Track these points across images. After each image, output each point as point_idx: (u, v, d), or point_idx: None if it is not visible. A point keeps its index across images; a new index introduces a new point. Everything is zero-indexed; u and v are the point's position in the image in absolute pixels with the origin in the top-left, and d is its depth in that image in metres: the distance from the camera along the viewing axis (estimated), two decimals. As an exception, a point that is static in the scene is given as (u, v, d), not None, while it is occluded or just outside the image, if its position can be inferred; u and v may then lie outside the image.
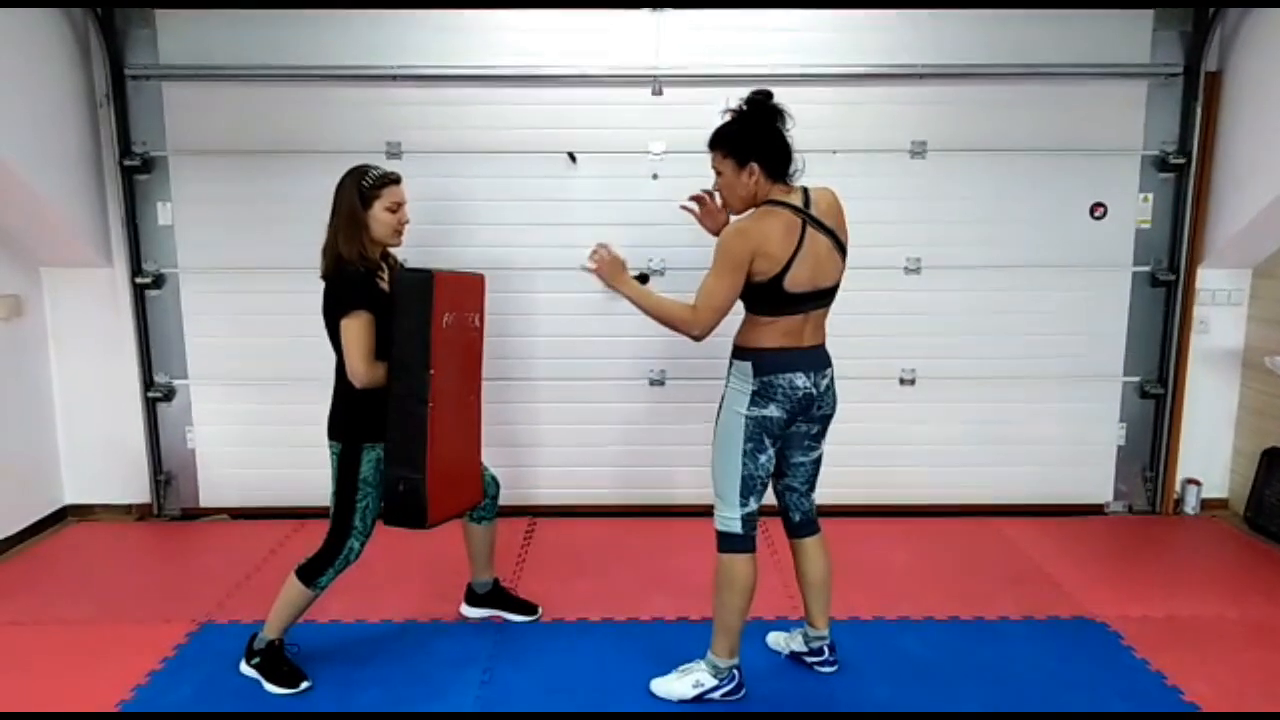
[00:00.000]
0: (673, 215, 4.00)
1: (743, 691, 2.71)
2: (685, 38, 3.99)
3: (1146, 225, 4.20)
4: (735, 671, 2.69)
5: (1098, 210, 4.17)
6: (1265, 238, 4.03)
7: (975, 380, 4.29)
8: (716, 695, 2.68)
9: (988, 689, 2.77)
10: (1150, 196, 4.18)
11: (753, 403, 2.53)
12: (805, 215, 2.48)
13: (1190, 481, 4.37)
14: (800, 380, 2.53)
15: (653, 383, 4.27)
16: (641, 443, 4.32)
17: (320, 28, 3.97)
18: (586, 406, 4.28)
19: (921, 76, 4.03)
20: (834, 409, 2.69)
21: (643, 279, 4.14)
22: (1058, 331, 4.26)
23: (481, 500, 3.00)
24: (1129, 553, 3.92)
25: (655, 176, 4.11)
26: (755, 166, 2.50)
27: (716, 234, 2.79)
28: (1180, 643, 3.06)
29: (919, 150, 4.11)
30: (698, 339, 2.54)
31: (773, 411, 2.53)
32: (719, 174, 2.59)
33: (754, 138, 2.50)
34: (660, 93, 4.03)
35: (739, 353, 2.59)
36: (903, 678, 2.84)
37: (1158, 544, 4.05)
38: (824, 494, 2.86)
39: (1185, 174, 4.12)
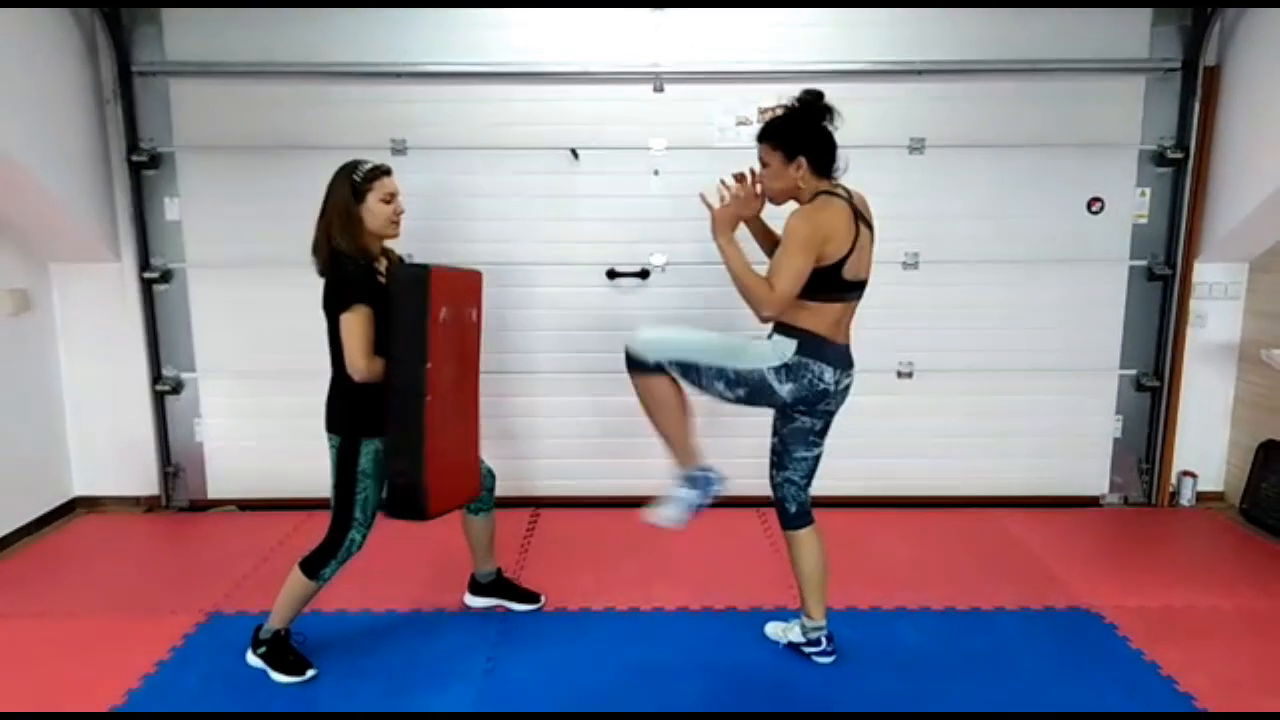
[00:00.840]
0: (675, 211, 4.08)
1: (723, 481, 2.82)
2: (686, 35, 4.02)
3: (1144, 220, 4.23)
4: (703, 470, 2.80)
5: (1095, 205, 4.20)
6: (1262, 232, 4.05)
7: (973, 373, 4.32)
8: (708, 498, 2.81)
9: (984, 679, 2.81)
10: (1148, 191, 4.20)
11: (776, 372, 2.60)
12: (853, 207, 2.56)
13: (1186, 474, 4.41)
14: (828, 375, 2.61)
15: (654, 376, 4.30)
16: (643, 434, 4.32)
17: (326, 25, 4.00)
18: (588, 399, 4.32)
19: (920, 73, 4.06)
20: (839, 406, 2.75)
21: (644, 274, 4.19)
22: (1055, 325, 4.30)
23: (480, 493, 3.05)
24: (1125, 544, 3.96)
25: (657, 173, 4.14)
26: (803, 160, 2.57)
27: (747, 220, 2.81)
28: (1175, 634, 3.09)
29: (918, 146, 4.14)
30: (766, 319, 2.58)
31: (784, 390, 2.61)
32: (765, 165, 2.64)
33: (804, 133, 2.57)
34: (661, 89, 4.06)
35: (784, 329, 2.63)
36: (900, 668, 2.88)
37: (1153, 536, 4.08)
38: (822, 485, 2.90)
39: (1183, 169, 4.14)
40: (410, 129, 4.11)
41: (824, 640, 2.89)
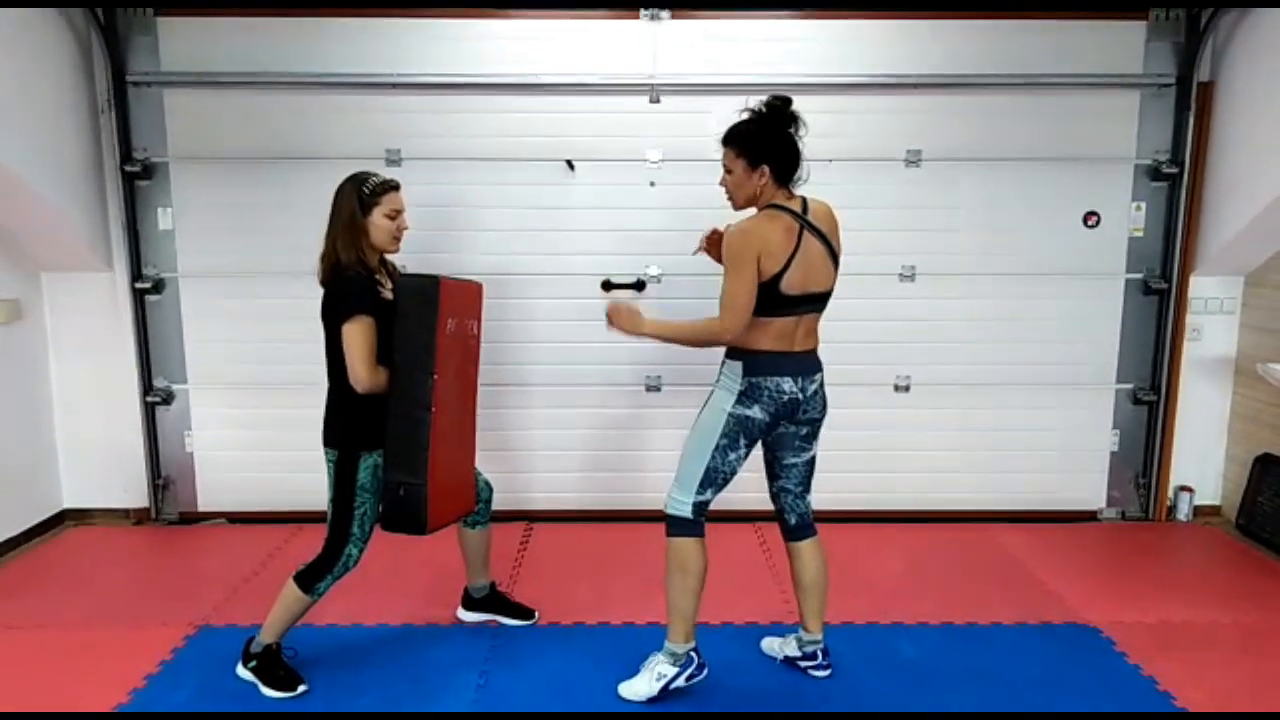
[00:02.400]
0: (670, 222, 4.07)
1: (705, 671, 2.74)
2: (682, 47, 4.03)
3: (1139, 234, 4.23)
4: (693, 654, 2.72)
5: (1091, 219, 4.20)
6: (1257, 246, 4.06)
7: (969, 387, 4.31)
8: (681, 682, 2.71)
9: (981, 694, 2.79)
10: (1143, 205, 4.21)
11: (738, 401, 2.59)
12: (802, 220, 2.53)
13: (1183, 488, 4.40)
14: (787, 385, 2.58)
15: (649, 388, 4.29)
16: (638, 448, 4.34)
17: (321, 35, 4.00)
18: (583, 412, 4.30)
19: (917, 86, 4.07)
20: (823, 413, 2.73)
21: (639, 285, 4.18)
22: (1051, 339, 4.29)
23: (475, 507, 3.02)
24: (1122, 559, 3.94)
25: (653, 184, 4.14)
26: (766, 169, 2.55)
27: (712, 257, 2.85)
28: (1173, 649, 3.08)
29: (914, 159, 4.15)
30: (728, 343, 2.58)
31: (756, 413, 2.58)
32: (728, 171, 2.63)
33: (769, 141, 2.55)
34: (658, 101, 4.06)
35: (731, 353, 2.63)
36: (896, 683, 2.86)
37: (1151, 550, 4.07)
38: (818, 499, 2.88)
39: (1178, 183, 4.15)
40: (405, 140, 4.10)
41: (820, 654, 2.86)
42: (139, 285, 4.15)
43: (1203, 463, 4.44)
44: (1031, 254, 4.22)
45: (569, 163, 4.11)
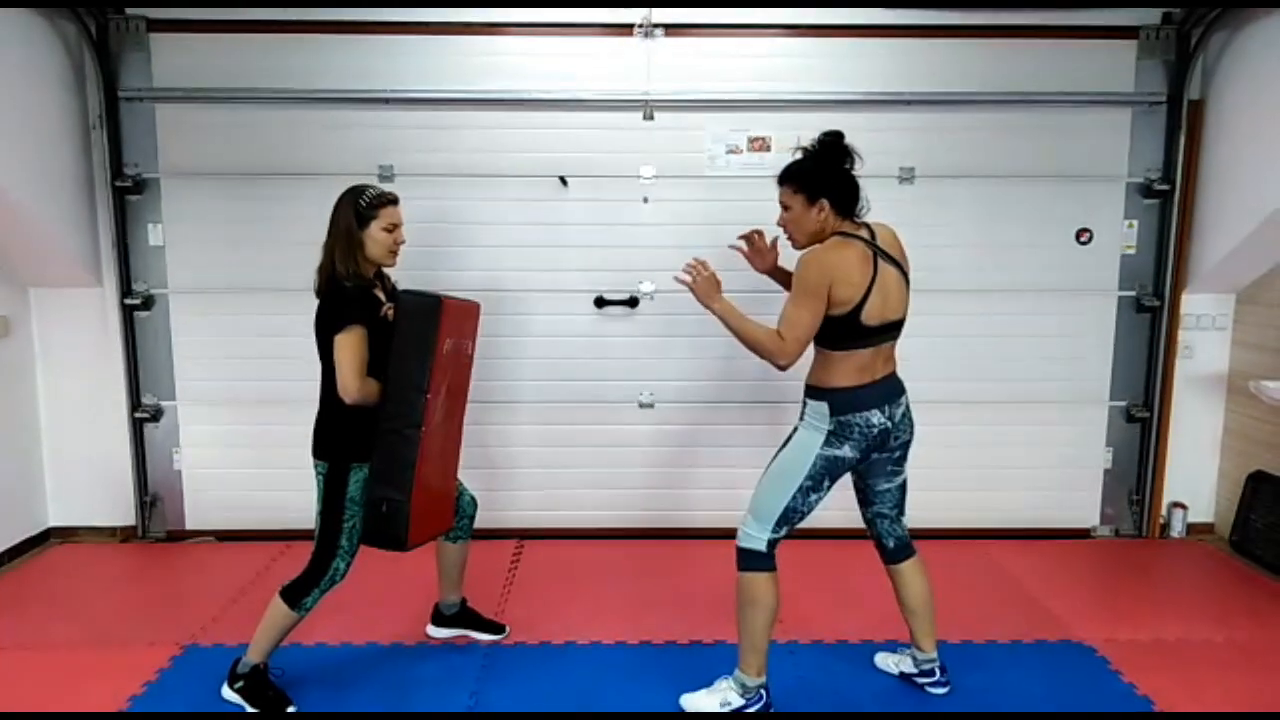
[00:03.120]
0: (663, 239, 4.07)
1: (770, 709, 2.71)
2: (676, 63, 4.03)
3: (1131, 251, 4.24)
4: (763, 691, 2.69)
5: (1083, 236, 4.21)
6: (1249, 263, 4.07)
7: (962, 404, 4.30)
8: (748, 712, 2.68)
9: (976, 711, 2.77)
10: (1135, 222, 4.22)
11: (827, 442, 2.55)
12: (875, 248, 2.52)
13: (1176, 505, 4.39)
14: (876, 417, 2.56)
15: (642, 405, 4.27)
16: (630, 466, 4.31)
17: (313, 50, 4.00)
18: (575, 429, 4.28)
19: (910, 103, 4.08)
20: (912, 434, 2.72)
21: (632, 302, 4.17)
22: (1044, 356, 4.29)
23: (453, 525, 3.00)
24: (1116, 576, 3.93)
25: (646, 200, 4.13)
26: (825, 203, 2.54)
27: (765, 272, 2.88)
28: (1167, 666, 3.06)
29: (907, 176, 4.16)
30: (783, 368, 2.52)
31: (846, 452, 2.56)
32: (786, 208, 2.62)
33: (825, 175, 2.55)
34: (651, 117, 4.05)
35: (813, 392, 2.60)
36: (890, 700, 2.84)
37: (1144, 568, 4.06)
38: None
39: (1169, 200, 4.17)
40: (398, 155, 4.09)
41: (938, 670, 2.87)
42: (128, 301, 4.13)
43: (1196, 480, 4.43)
44: (1024, 271, 4.23)
45: (562, 179, 4.10)
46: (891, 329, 2.58)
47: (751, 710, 2.68)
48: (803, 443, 2.60)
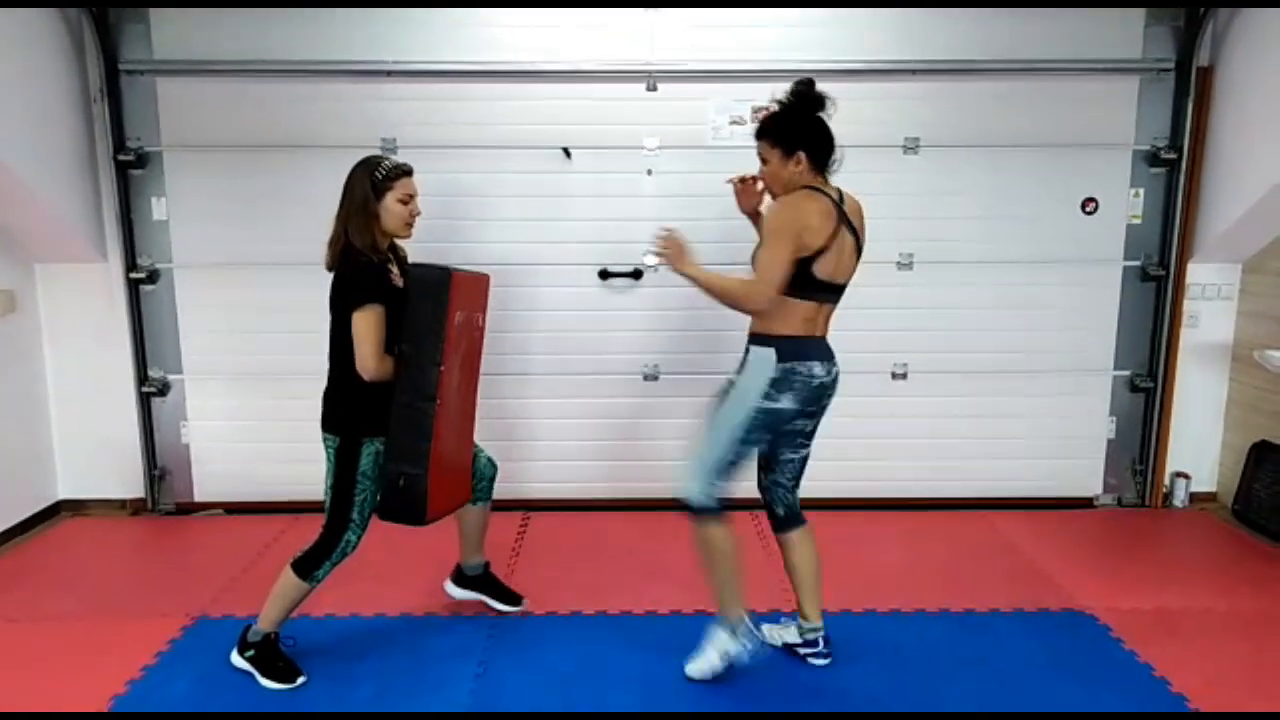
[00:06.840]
0: (667, 210, 4.05)
1: (765, 644, 2.80)
2: (679, 33, 4.00)
3: (1138, 220, 4.22)
4: (747, 622, 2.74)
5: (1089, 205, 4.19)
6: (1255, 233, 4.05)
7: (966, 374, 4.31)
8: (746, 656, 2.73)
9: (978, 681, 2.79)
10: (1141, 191, 4.20)
11: (766, 395, 2.57)
12: (840, 210, 2.55)
13: (1179, 475, 4.40)
14: (819, 369, 2.60)
15: (646, 377, 4.28)
16: (635, 437, 4.33)
17: (315, 23, 3.97)
18: (581, 401, 4.30)
19: (915, 72, 4.04)
20: (831, 400, 2.74)
21: (637, 274, 4.16)
22: (1049, 325, 4.29)
23: (470, 498, 3.01)
24: (1118, 545, 3.95)
25: (650, 172, 4.12)
26: (802, 155, 2.56)
27: (748, 213, 2.89)
28: (1169, 634, 3.09)
29: (912, 146, 4.13)
30: (754, 313, 2.58)
31: (785, 404, 2.58)
32: (765, 163, 2.64)
33: (800, 128, 2.57)
34: (655, 88, 4.03)
35: (759, 339, 2.62)
36: (894, 669, 2.86)
37: (1147, 537, 4.08)
38: (815, 487, 2.89)
39: (1176, 169, 4.14)
40: (400, 127, 4.07)
41: (821, 641, 2.87)
42: (133, 275, 4.13)
43: (1199, 449, 4.44)
44: (1029, 241, 4.21)
45: (566, 150, 4.08)
46: (837, 290, 2.63)
47: (749, 647, 2.72)
48: (742, 395, 2.62)
